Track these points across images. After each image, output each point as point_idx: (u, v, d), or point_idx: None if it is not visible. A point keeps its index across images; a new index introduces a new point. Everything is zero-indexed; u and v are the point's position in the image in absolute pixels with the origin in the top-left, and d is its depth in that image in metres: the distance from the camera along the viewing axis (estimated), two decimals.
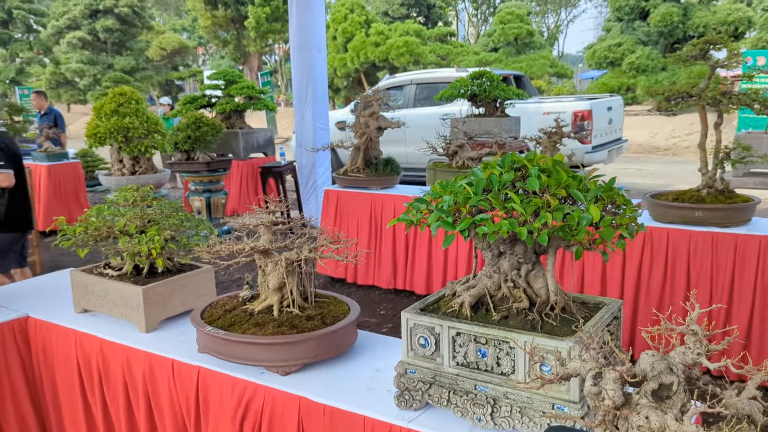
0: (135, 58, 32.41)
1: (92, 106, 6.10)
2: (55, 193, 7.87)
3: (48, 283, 2.60)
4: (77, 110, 36.63)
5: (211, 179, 7.14)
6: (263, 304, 1.88)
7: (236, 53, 24.93)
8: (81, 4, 31.77)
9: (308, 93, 7.85)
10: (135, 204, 2.14)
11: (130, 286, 2.04)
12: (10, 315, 2.22)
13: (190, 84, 41.39)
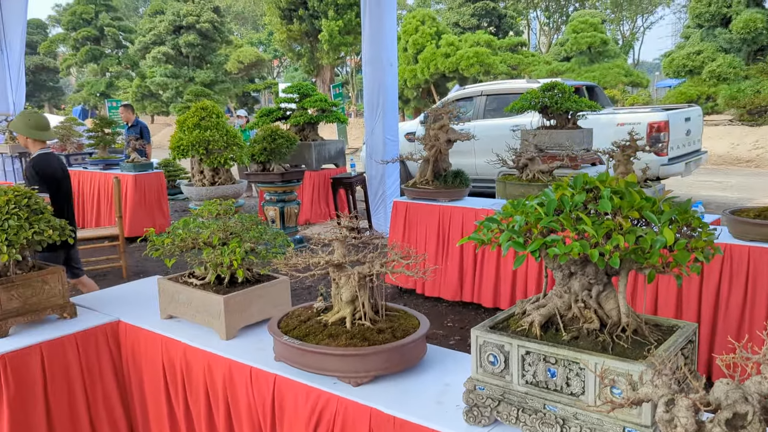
0: (214, 71, 33.65)
1: (176, 119, 6.38)
2: (140, 201, 8.27)
3: (137, 290, 2.76)
4: (160, 121, 38.32)
5: (285, 189, 7.33)
6: (336, 316, 1.94)
7: (309, 66, 25.49)
8: (166, 21, 33.30)
9: (379, 105, 7.96)
10: (218, 217, 2.25)
11: (212, 295, 2.14)
12: (103, 319, 2.37)
13: (264, 95, 42.55)
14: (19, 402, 2.07)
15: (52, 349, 2.18)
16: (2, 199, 2.22)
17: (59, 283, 2.33)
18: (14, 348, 2.10)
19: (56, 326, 2.30)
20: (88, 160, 9.18)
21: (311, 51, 24.93)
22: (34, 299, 2.26)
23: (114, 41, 37.40)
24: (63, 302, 2.35)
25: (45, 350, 2.16)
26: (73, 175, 9.12)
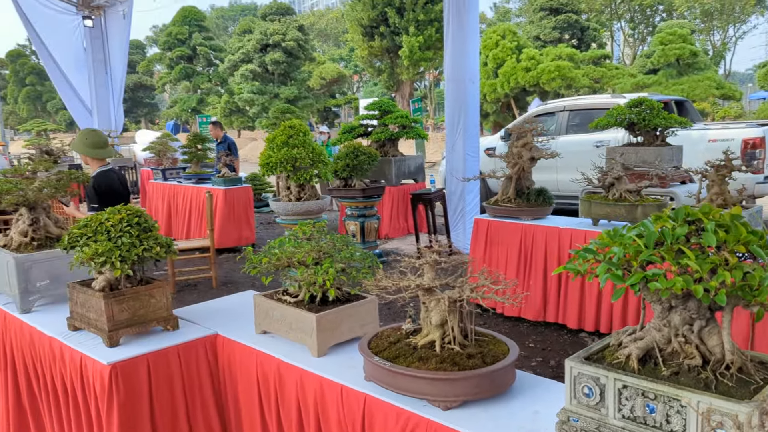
0: (298, 87, 34.62)
1: (265, 137, 6.60)
2: (229, 215, 8.59)
3: (234, 304, 2.88)
4: (246, 135, 39.70)
5: (366, 205, 7.43)
6: (426, 339, 1.96)
7: (389, 81, 25.79)
8: (254, 40, 34.59)
9: (460, 122, 7.96)
10: (311, 238, 2.32)
11: (305, 312, 2.21)
12: (203, 332, 2.49)
13: (344, 110, 43.33)
14: (128, 408, 2.20)
15: (158, 360, 2.31)
16: (116, 218, 2.37)
17: (164, 297, 2.47)
18: (125, 357, 2.24)
19: (161, 338, 2.43)
20: (182, 175, 9.62)
21: (391, 66, 25.22)
22: (141, 312, 2.40)
23: (205, 60, 39.18)
24: (167, 315, 2.48)
25: (151, 360, 2.29)
26: (168, 188, 9.61)
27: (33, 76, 49.69)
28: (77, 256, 2.32)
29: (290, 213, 6.27)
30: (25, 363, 2.76)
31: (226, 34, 64.86)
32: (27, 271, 2.77)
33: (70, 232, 2.41)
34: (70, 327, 2.54)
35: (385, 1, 22.84)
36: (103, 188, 4.66)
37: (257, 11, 57.12)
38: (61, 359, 2.45)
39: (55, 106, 47.42)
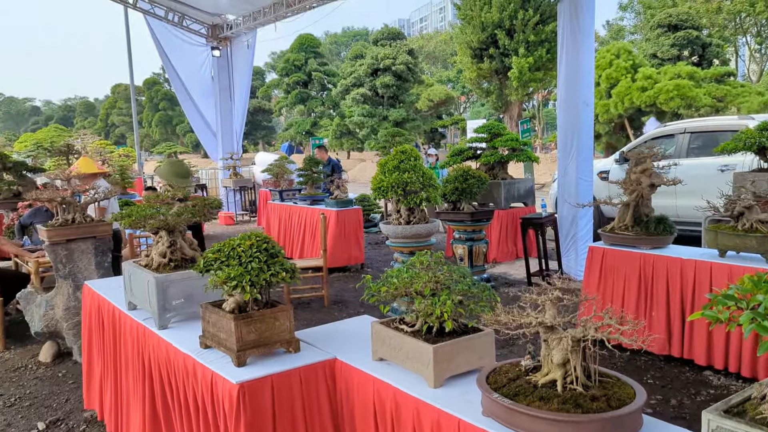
0: (406, 109, 35.08)
1: (378, 161, 6.72)
2: (340, 235, 8.81)
3: (350, 328, 2.94)
4: (355, 156, 40.68)
5: (475, 228, 7.36)
6: (546, 378, 1.91)
7: (498, 102, 25.53)
8: (365, 65, 35.50)
9: (573, 146, 7.74)
10: (429, 268, 2.33)
11: (422, 343, 2.21)
12: (322, 356, 2.55)
13: (451, 131, 43.37)
14: (254, 427, 2.29)
15: (281, 381, 2.40)
16: (246, 243, 2.50)
17: (287, 320, 2.56)
18: (252, 377, 2.34)
19: (284, 360, 2.52)
20: (297, 196, 9.99)
21: (500, 88, 24.98)
22: (267, 333, 2.50)
23: (319, 84, 40.66)
24: (290, 337, 2.57)
25: (275, 381, 2.38)
26: (284, 209, 10.00)
27: (165, 102, 53.70)
28: (211, 280, 2.46)
29: (400, 236, 6.34)
30: (160, 376, 2.95)
31: (339, 59, 67.05)
32: (165, 290, 2.97)
33: (205, 256, 2.57)
34: (201, 345, 2.69)
35: (494, 23, 22.72)
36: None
37: (369, 36, 58.65)
38: (194, 375, 2.60)
39: (184, 129, 50.91)
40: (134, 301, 3.31)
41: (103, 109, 67.89)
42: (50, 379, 5.00)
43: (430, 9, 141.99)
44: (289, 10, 12.26)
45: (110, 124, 63.30)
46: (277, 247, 2.58)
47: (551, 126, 48.65)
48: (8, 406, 4.50)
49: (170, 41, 14.55)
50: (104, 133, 60.64)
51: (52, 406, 4.47)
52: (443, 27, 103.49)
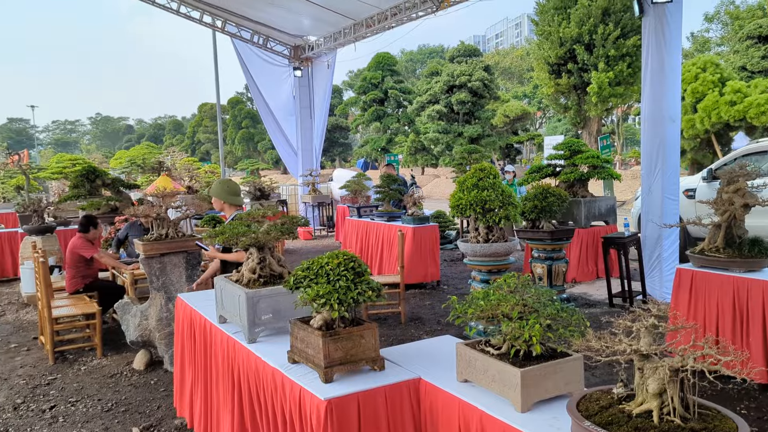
0: (482, 125, 34.87)
1: (455, 178, 6.71)
2: (417, 251, 8.82)
3: (433, 348, 2.94)
4: (429, 172, 40.72)
5: (554, 247, 7.20)
6: (641, 408, 1.84)
7: (576, 118, 24.98)
8: (441, 82, 35.60)
9: (658, 163, 7.47)
10: (516, 291, 2.30)
11: (509, 366, 2.18)
12: (407, 375, 2.57)
13: (527, 146, 42.75)
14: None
15: (367, 399, 2.42)
16: (334, 262, 2.56)
17: (373, 338, 2.59)
18: (339, 394, 2.38)
19: (369, 377, 2.55)
20: (374, 212, 10.09)
21: (578, 103, 24.44)
22: (353, 351, 2.54)
23: (395, 101, 41.08)
24: (375, 356, 2.60)
25: (361, 399, 2.41)
26: (362, 225, 10.13)
27: (248, 120, 55.66)
28: (301, 297, 2.53)
29: (478, 254, 6.28)
30: (249, 388, 3.05)
31: (414, 76, 67.55)
32: (255, 305, 3.07)
33: (295, 274, 2.64)
34: (289, 360, 2.76)
35: (573, 38, 22.31)
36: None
37: (444, 53, 58.78)
38: (282, 390, 2.66)
39: (264, 147, 52.56)
40: (225, 314, 3.44)
41: (190, 127, 71.12)
42: (143, 387, 5.24)
43: (505, 25, 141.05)
44: (369, 31, 12.49)
45: (196, 141, 66.16)
46: (363, 266, 2.62)
47: (630, 142, 47.09)
48: (105, 411, 4.75)
49: (255, 62, 15.11)
50: (190, 149, 63.44)
51: (146, 413, 4.68)
52: (519, 43, 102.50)
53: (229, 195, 5.22)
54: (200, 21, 14.16)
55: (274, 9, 13.06)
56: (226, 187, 5.29)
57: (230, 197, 5.24)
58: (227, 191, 5.22)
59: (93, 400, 4.96)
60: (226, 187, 5.28)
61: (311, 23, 13.81)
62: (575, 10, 22.33)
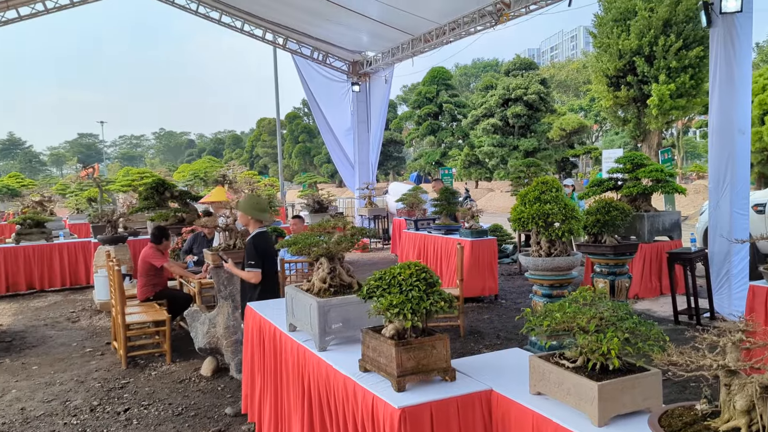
0: (537, 139, 34.43)
1: (514, 192, 6.66)
2: (475, 265, 8.77)
3: (503, 360, 2.93)
4: (483, 186, 40.42)
5: (617, 262, 7.03)
6: (728, 426, 1.79)
7: (635, 131, 24.37)
8: (496, 95, 35.39)
9: (727, 177, 7.23)
10: (592, 304, 2.28)
11: (585, 380, 2.16)
12: (478, 386, 2.57)
13: (583, 160, 41.92)
14: None
15: (440, 409, 2.44)
16: (406, 273, 2.59)
17: (444, 349, 2.61)
18: (413, 403, 2.40)
19: (440, 388, 2.56)
20: (431, 225, 10.10)
21: (638, 116, 23.85)
22: (425, 361, 2.56)
23: (450, 115, 41.06)
24: (446, 366, 2.61)
25: (434, 408, 2.42)
26: (419, 238, 10.14)
27: (304, 135, 56.65)
28: (374, 306, 2.57)
29: (540, 268, 6.19)
30: (320, 395, 3.10)
31: (468, 90, 67.38)
32: (326, 314, 3.13)
33: (368, 283, 2.68)
34: (360, 368, 2.80)
35: (633, 50, 21.82)
36: (262, 246, 4.98)
37: (498, 67, 58.45)
38: (354, 397, 2.70)
39: (320, 161, 53.32)
40: (295, 323, 3.52)
41: (248, 141, 72.89)
42: (211, 392, 5.39)
43: (560, 38, 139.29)
44: (427, 46, 12.57)
45: (255, 155, 67.70)
46: (434, 277, 2.64)
47: (691, 155, 45.60)
48: (176, 415, 4.90)
49: (314, 78, 15.42)
50: (249, 163, 64.96)
51: (214, 418, 4.81)
52: (575, 55, 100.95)
53: (255, 211, 5.10)
54: (263, 38, 14.56)
55: (334, 26, 13.32)
56: (254, 203, 5.21)
57: (256, 213, 5.11)
58: (254, 207, 5.13)
59: (164, 404, 5.12)
60: (254, 202, 5.21)
61: (369, 39, 14.01)
62: (635, 21, 21.86)
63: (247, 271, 4.91)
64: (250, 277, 4.89)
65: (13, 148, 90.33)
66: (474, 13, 10.96)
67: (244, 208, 5.10)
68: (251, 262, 4.90)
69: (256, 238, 5.00)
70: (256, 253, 4.91)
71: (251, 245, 4.96)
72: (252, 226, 5.10)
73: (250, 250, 4.94)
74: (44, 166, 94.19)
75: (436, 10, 11.40)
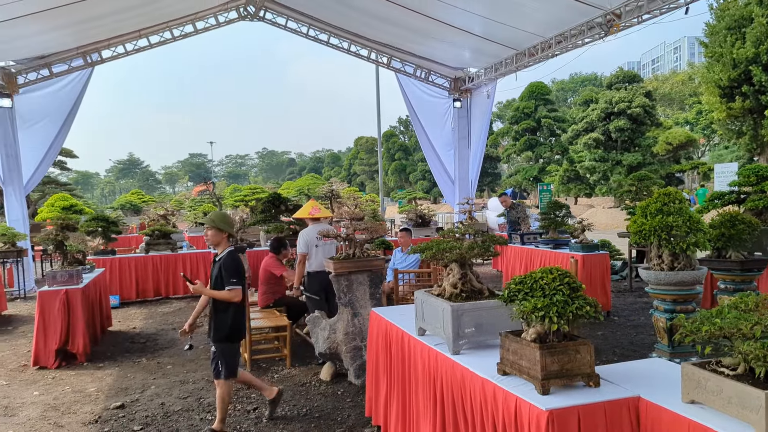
0: (642, 153, 33.02)
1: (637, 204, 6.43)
2: (585, 280, 8.50)
3: (646, 368, 2.85)
4: (583, 202, 39.15)
5: (744, 279, 6.57)
6: None
7: (752, 144, 22.86)
8: (598, 109, 34.34)
9: None
10: (755, 310, 2.18)
11: (750, 388, 2.06)
12: (625, 393, 2.51)
13: (690, 175, 39.70)
14: None
15: (587, 413, 2.40)
16: (549, 277, 2.59)
17: (588, 354, 2.57)
18: (560, 406, 2.38)
19: (586, 393, 2.52)
20: (539, 240, 9.92)
21: (754, 128, 22.37)
22: (569, 365, 2.54)
23: (548, 131, 40.22)
24: (590, 371, 2.57)
25: (581, 413, 2.39)
26: (525, 252, 9.98)
27: (400, 152, 57.32)
28: (518, 308, 2.58)
29: (662, 283, 5.91)
30: (453, 399, 3.13)
31: (566, 105, 65.74)
32: (459, 318, 3.17)
33: (509, 287, 2.70)
34: (499, 371, 2.81)
35: (749, 58, 20.56)
36: (239, 264, 4.71)
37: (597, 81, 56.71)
38: (494, 400, 2.71)
39: (416, 177, 53.71)
40: (425, 327, 3.58)
41: (346, 159, 74.63)
42: (331, 396, 5.54)
43: (663, 49, 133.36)
44: (531, 60, 12.44)
45: (352, 173, 69.19)
46: (578, 282, 2.62)
47: None
48: (302, 416, 5.08)
49: (416, 95, 15.62)
50: (347, 180, 66.45)
51: (337, 420, 4.95)
52: (678, 67, 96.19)
53: (229, 226, 4.84)
54: (368, 58, 14.94)
55: (437, 43, 13.47)
56: (226, 218, 4.90)
57: (230, 228, 4.86)
58: (228, 223, 4.85)
59: (289, 405, 5.33)
60: (226, 218, 4.89)
61: (472, 55, 14.03)
62: (751, 29, 20.62)
63: (228, 290, 4.58)
64: (231, 296, 4.57)
65: (132, 168, 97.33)
66: (582, 26, 10.73)
67: (220, 224, 4.75)
68: (233, 280, 4.60)
69: (233, 255, 4.75)
70: (237, 271, 4.65)
71: (231, 261, 4.68)
72: (223, 245, 4.79)
73: (230, 267, 4.64)
74: (159, 183, 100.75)
75: (542, 23, 11.25)
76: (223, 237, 4.78)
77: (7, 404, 5.66)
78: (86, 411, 5.42)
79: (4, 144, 12.11)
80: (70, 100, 13.00)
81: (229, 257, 4.70)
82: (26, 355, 7.38)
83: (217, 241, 4.78)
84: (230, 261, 4.67)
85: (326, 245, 6.76)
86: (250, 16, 13.69)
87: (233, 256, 4.72)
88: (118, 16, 11.62)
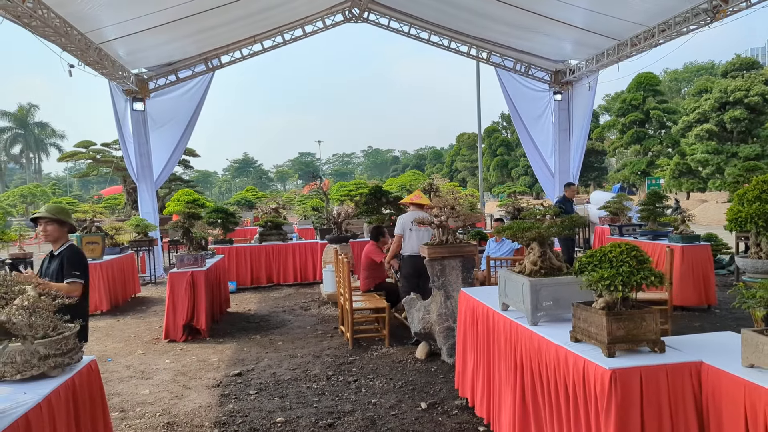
0: (761, 145, 30.72)
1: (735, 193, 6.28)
2: (687, 272, 8.31)
3: (714, 340, 2.97)
4: (695, 197, 36.92)
5: None
6: None
7: None
8: (711, 99, 32.33)
9: None
10: None
11: None
12: (687, 358, 2.66)
13: None
14: (623, 411, 2.52)
15: (649, 374, 2.58)
16: (617, 251, 2.79)
17: (653, 322, 2.74)
18: (623, 366, 2.59)
19: (649, 357, 2.70)
20: (638, 231, 9.74)
21: None
22: (634, 331, 2.72)
23: (658, 123, 38.30)
24: (655, 338, 2.75)
25: (643, 373, 2.58)
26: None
27: (502, 148, 56.60)
28: (586, 279, 2.80)
29: (759, 271, 5.77)
30: (531, 367, 3.37)
31: (679, 96, 62.08)
32: (538, 292, 3.40)
33: (579, 260, 2.92)
34: (571, 338, 3.03)
35: None
36: (80, 257, 4.32)
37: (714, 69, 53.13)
38: (565, 364, 2.94)
39: (518, 173, 52.84)
40: (508, 302, 3.84)
41: (448, 156, 74.61)
42: (425, 373, 5.90)
43: None
44: (633, 50, 12.13)
45: (454, 169, 69.10)
46: (645, 255, 2.79)
47: None
48: (398, 388, 5.47)
49: (516, 89, 15.61)
50: (449, 177, 66.45)
51: (429, 392, 5.29)
52: None
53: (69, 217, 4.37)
54: (468, 54, 15.13)
55: (537, 36, 13.42)
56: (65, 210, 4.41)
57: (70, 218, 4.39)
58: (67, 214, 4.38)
59: (386, 379, 5.74)
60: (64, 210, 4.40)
61: (573, 47, 13.85)
62: None
63: (68, 282, 4.11)
64: (72, 290, 4.05)
65: (246, 167, 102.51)
66: (686, 12, 10.35)
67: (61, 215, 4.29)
68: (76, 273, 4.16)
69: (75, 249, 4.35)
70: (81, 263, 4.24)
71: (75, 254, 4.28)
72: (63, 239, 4.36)
73: (74, 259, 4.22)
74: (271, 181, 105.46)
75: (644, 12, 10.95)
76: (63, 231, 4.35)
77: (144, 369, 6.49)
78: (209, 377, 6.11)
79: (137, 144, 13.47)
80: (193, 103, 14.19)
81: (71, 250, 4.31)
82: (158, 330, 8.30)
83: (57, 236, 4.33)
84: (73, 254, 4.29)
85: (421, 231, 7.09)
86: (354, 18, 14.28)
87: (76, 250, 4.34)
88: (233, 25, 12.59)
